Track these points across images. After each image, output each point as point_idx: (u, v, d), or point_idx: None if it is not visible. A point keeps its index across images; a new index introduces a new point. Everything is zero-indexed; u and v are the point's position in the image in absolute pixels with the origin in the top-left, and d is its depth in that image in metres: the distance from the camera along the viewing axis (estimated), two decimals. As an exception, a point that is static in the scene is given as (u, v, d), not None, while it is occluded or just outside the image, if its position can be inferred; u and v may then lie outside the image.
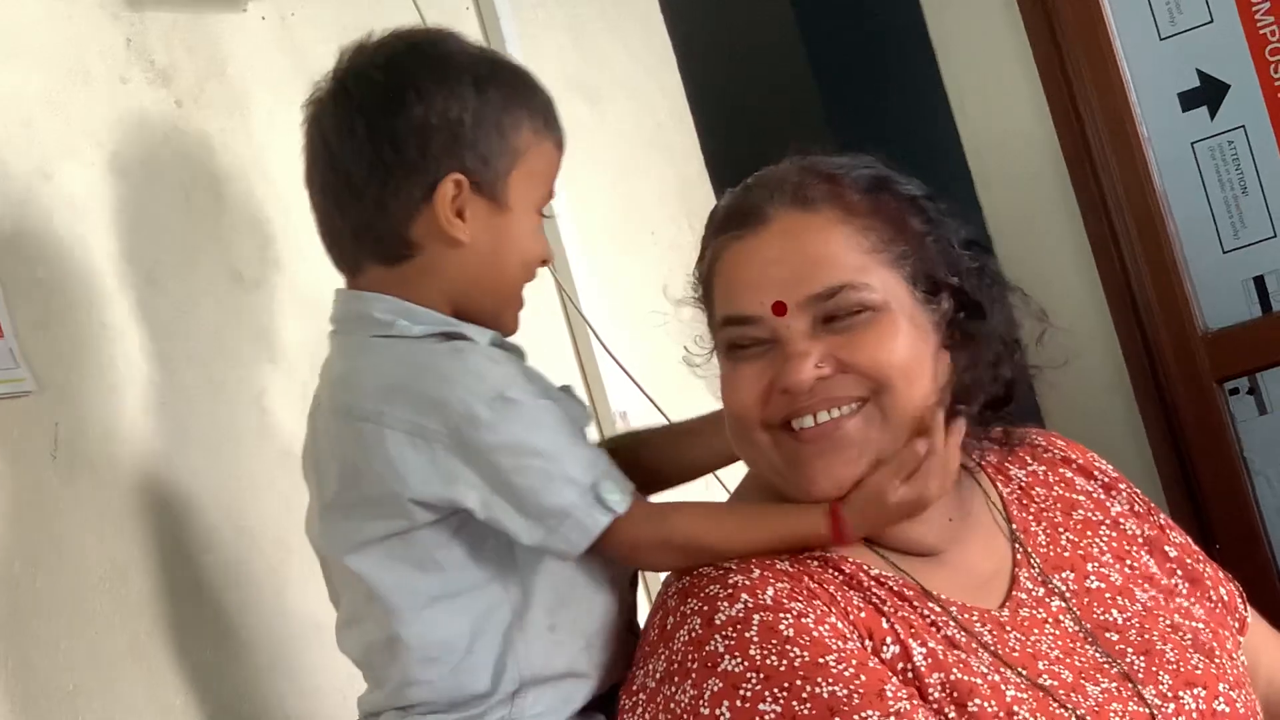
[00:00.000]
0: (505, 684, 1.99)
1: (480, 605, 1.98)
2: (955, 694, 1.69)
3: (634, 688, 1.77)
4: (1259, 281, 3.66)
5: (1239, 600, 2.04)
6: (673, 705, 1.69)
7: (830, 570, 1.78)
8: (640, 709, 1.74)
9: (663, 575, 1.95)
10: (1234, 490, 3.70)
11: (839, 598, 1.75)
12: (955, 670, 1.71)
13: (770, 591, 1.72)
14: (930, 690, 1.69)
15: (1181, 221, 3.70)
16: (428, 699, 1.99)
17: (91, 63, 2.34)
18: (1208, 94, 3.67)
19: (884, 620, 1.74)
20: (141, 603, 2.15)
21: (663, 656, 1.73)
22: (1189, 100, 3.68)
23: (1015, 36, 3.79)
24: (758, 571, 1.74)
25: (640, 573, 2.16)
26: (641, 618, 1.97)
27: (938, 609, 1.78)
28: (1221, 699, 1.82)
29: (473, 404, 1.94)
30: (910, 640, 1.73)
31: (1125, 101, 3.69)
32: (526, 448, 1.94)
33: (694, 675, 1.69)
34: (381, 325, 2.02)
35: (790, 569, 1.76)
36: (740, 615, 1.70)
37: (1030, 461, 2.03)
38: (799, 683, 1.65)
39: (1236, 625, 2.00)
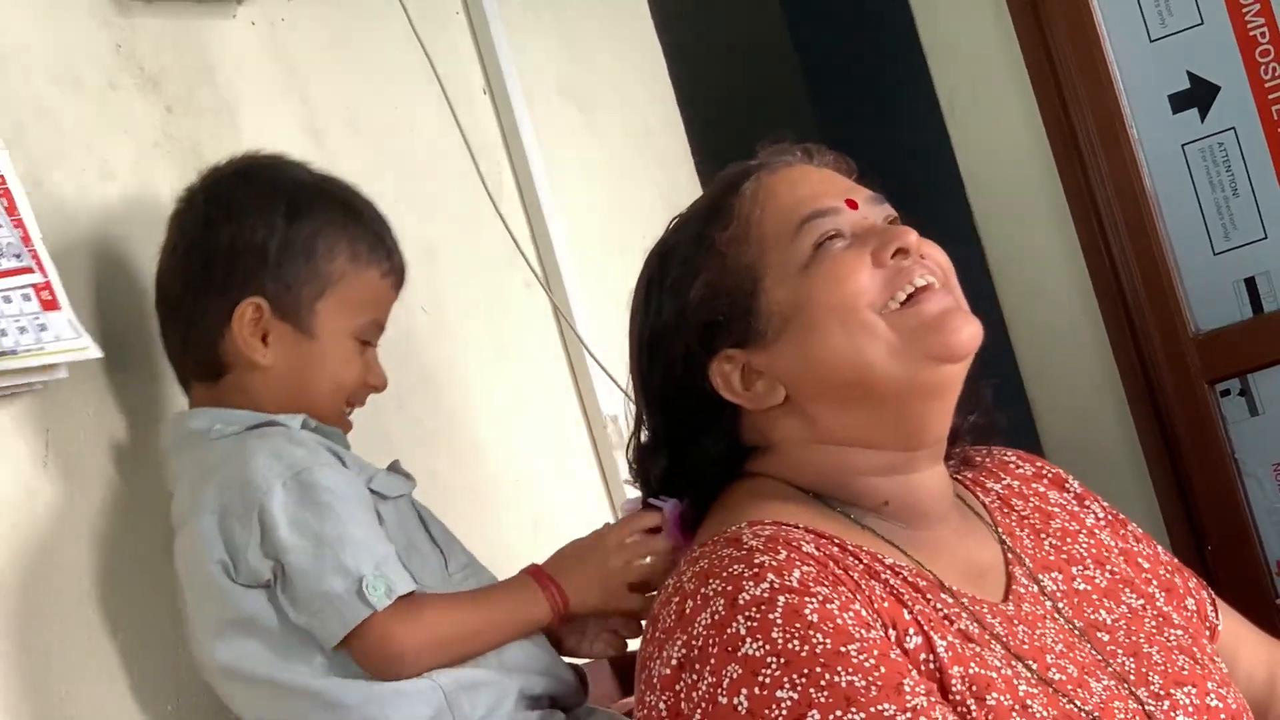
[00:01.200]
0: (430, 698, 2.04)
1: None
2: (975, 687, 1.68)
3: (653, 680, 1.73)
4: (1249, 283, 3.66)
5: (1209, 608, 2.04)
6: (692, 694, 1.67)
7: (851, 558, 1.77)
8: (657, 699, 1.71)
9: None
10: (1225, 491, 3.70)
11: (863, 585, 1.73)
12: (974, 664, 1.70)
13: (797, 574, 1.69)
14: (953, 683, 1.68)
15: (1172, 223, 3.70)
16: None
17: (81, 69, 2.34)
18: (1198, 96, 3.67)
19: (905, 611, 1.73)
20: (133, 610, 2.15)
21: (680, 642, 1.70)
22: (1179, 102, 3.69)
23: (1005, 38, 3.79)
24: (784, 553, 1.71)
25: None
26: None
27: (950, 601, 1.77)
28: (1213, 695, 1.82)
29: (270, 481, 2.01)
30: (932, 632, 1.72)
31: (1115, 103, 3.70)
32: (309, 531, 1.99)
33: (713, 661, 1.66)
34: (201, 434, 2.11)
35: (816, 553, 1.74)
36: (765, 596, 1.67)
37: (1003, 476, 2.03)
38: (819, 670, 1.63)
39: (1208, 633, 2.01)
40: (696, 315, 1.84)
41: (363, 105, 2.88)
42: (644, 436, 1.99)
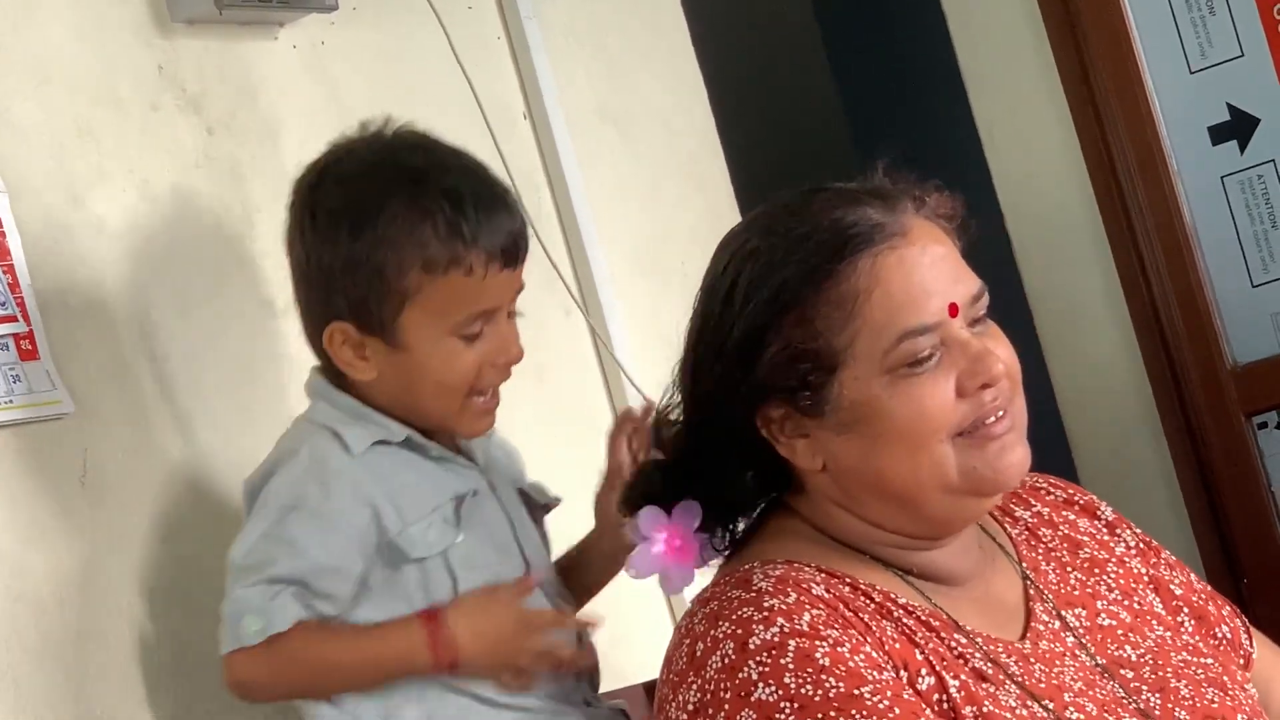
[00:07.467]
0: None
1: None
2: None
3: None
4: (1288, 316, 3.65)
5: (1243, 635, 2.03)
6: None
7: (862, 598, 1.77)
8: None
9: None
10: (1261, 524, 3.68)
11: (874, 627, 1.73)
12: (987, 703, 1.70)
13: (806, 617, 1.70)
14: None
15: (1210, 255, 3.69)
16: None
17: (123, 89, 2.36)
18: (1238, 128, 3.66)
19: (917, 651, 1.73)
20: (169, 629, 2.16)
21: (695, 686, 1.71)
22: (1219, 134, 3.67)
23: (1045, 70, 3.79)
24: (794, 595, 1.71)
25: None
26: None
27: (964, 641, 1.77)
28: (1241, 730, 1.82)
29: (281, 492, 2.05)
30: (944, 672, 1.72)
31: (1155, 135, 3.68)
32: (256, 552, 2.01)
33: (727, 707, 1.66)
34: (309, 403, 2.14)
35: (826, 595, 1.74)
36: (775, 640, 1.68)
37: (1033, 503, 2.02)
38: (833, 713, 1.63)
39: (1241, 662, 2.00)
40: (763, 369, 1.79)
41: (403, 129, 2.89)
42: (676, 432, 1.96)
